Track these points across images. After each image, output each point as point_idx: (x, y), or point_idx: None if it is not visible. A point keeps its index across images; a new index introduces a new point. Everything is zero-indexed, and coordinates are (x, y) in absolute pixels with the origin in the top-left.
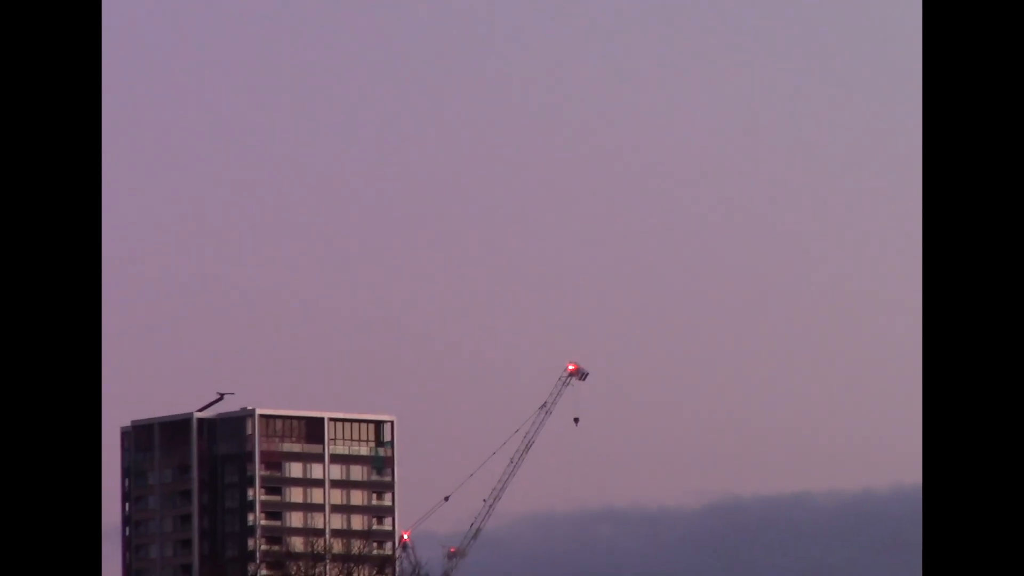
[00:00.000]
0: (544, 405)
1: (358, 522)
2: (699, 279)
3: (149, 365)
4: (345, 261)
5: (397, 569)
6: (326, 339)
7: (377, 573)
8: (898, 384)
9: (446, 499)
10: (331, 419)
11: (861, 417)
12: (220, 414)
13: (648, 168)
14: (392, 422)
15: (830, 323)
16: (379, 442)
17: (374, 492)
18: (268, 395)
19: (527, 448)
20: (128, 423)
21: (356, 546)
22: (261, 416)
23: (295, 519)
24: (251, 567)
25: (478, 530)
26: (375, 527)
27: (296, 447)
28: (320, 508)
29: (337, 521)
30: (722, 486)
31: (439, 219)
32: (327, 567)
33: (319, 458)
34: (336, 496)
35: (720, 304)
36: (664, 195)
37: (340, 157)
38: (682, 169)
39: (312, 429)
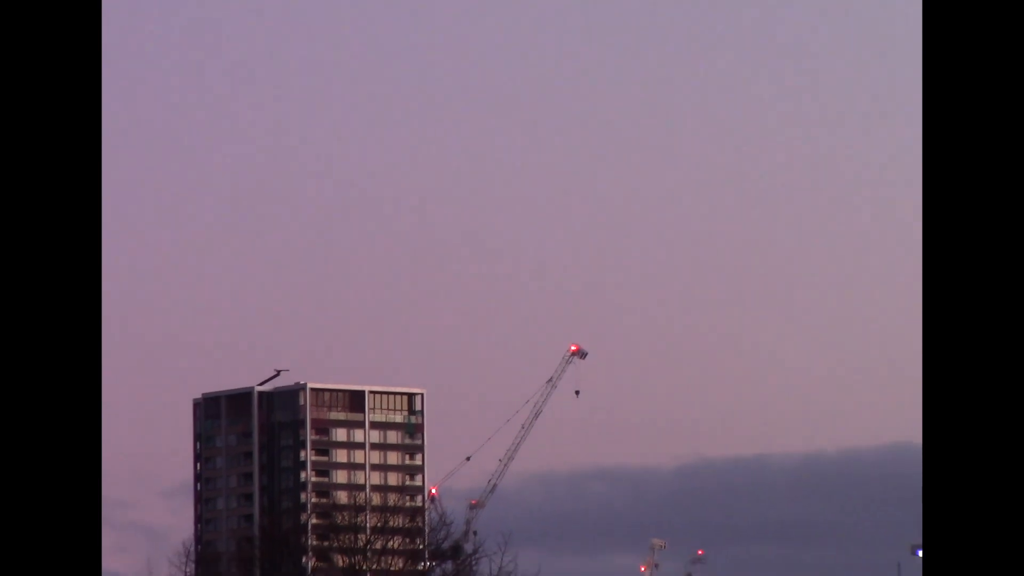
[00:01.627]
0: (550, 380)
1: (393, 479)
2: (680, 280)
3: (217, 346)
4: (383, 257)
5: (426, 519)
6: (367, 324)
7: (409, 522)
8: (845, 358)
9: (467, 459)
10: (371, 391)
11: (811, 389)
12: (277, 387)
13: (641, 169)
14: (422, 394)
15: (783, 316)
16: (411, 411)
17: (407, 454)
18: (318, 371)
19: (536, 416)
20: (199, 395)
21: (392, 499)
22: (312, 389)
23: (340, 476)
24: (303, 517)
25: (495, 486)
26: (408, 483)
27: (341, 415)
28: (361, 467)
29: (375, 478)
30: (694, 449)
31: (460, 220)
32: (367, 516)
33: (360, 425)
34: (375, 457)
35: (696, 301)
36: (654, 198)
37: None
38: (665, 173)
39: (355, 400)
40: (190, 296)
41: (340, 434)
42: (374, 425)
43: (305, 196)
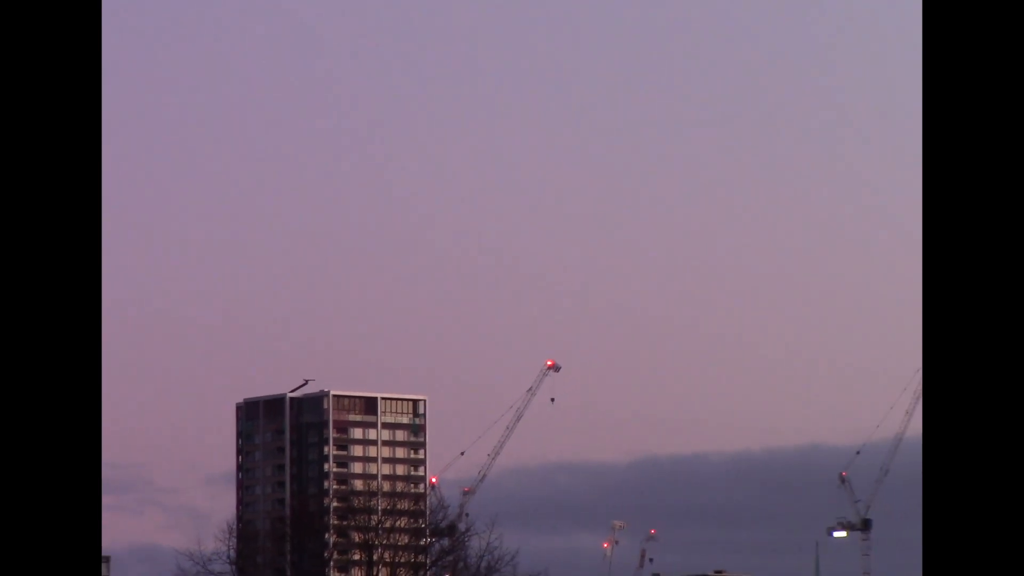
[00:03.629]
0: (530, 389)
1: (400, 469)
2: (633, 310)
3: (255, 360)
4: (394, 289)
5: (427, 503)
6: (379, 343)
7: (413, 505)
8: (766, 373)
9: (462, 454)
10: (382, 398)
11: (738, 399)
12: (305, 394)
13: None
14: (425, 400)
15: (717, 339)
16: (415, 414)
17: (411, 449)
18: (339, 381)
19: (518, 419)
20: (241, 400)
21: (399, 486)
22: (334, 396)
23: (357, 467)
24: (326, 500)
25: (484, 476)
26: (412, 473)
27: (358, 417)
28: (374, 460)
29: (386, 469)
30: (643, 448)
31: (455, 255)
32: (379, 500)
33: (373, 425)
34: (385, 451)
35: (645, 328)
36: (612, 228)
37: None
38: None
39: (369, 405)
40: (232, 319)
41: (357, 433)
42: (385, 425)
43: (325, 234)
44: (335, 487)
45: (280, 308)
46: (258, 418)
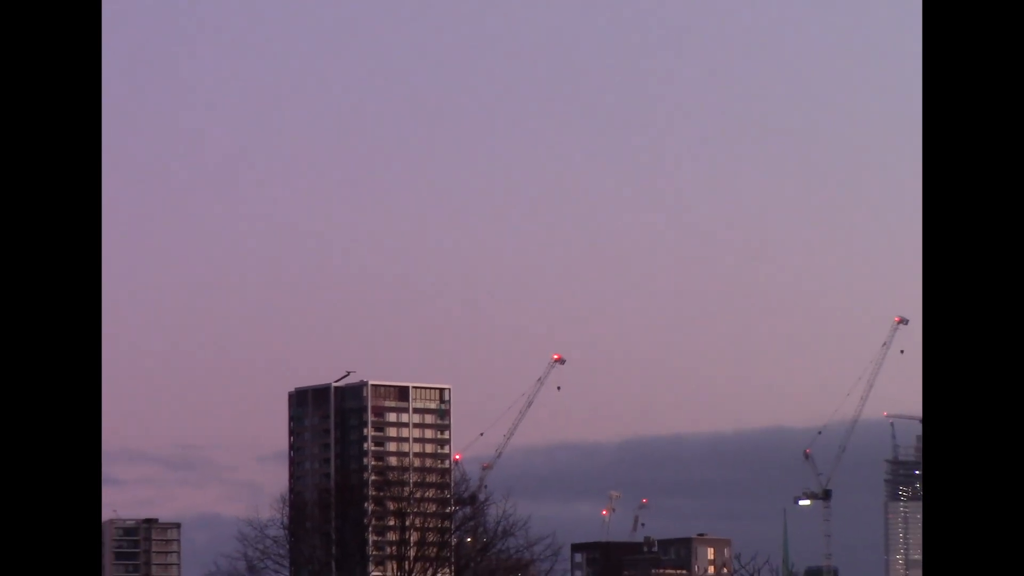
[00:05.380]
0: (540, 379)
1: (429, 448)
2: (623, 311)
3: (305, 354)
4: (425, 296)
5: (452, 476)
6: (411, 340)
7: (440, 478)
8: (737, 367)
9: (481, 435)
10: (413, 387)
11: (712, 388)
12: (347, 384)
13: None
14: (449, 388)
15: (696, 336)
16: (442, 400)
17: (438, 431)
18: (377, 372)
19: (529, 405)
20: (292, 389)
21: (427, 462)
22: (372, 385)
23: (391, 447)
24: (365, 475)
25: (500, 454)
26: (439, 451)
27: (392, 403)
28: (406, 440)
29: (416, 448)
30: (631, 430)
31: (475, 261)
32: (410, 474)
33: (406, 410)
34: (416, 433)
35: (632, 328)
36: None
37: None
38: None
39: (402, 393)
40: (285, 320)
41: (391, 417)
42: (415, 410)
43: (365, 251)
44: (373, 463)
45: (327, 311)
46: (307, 404)
